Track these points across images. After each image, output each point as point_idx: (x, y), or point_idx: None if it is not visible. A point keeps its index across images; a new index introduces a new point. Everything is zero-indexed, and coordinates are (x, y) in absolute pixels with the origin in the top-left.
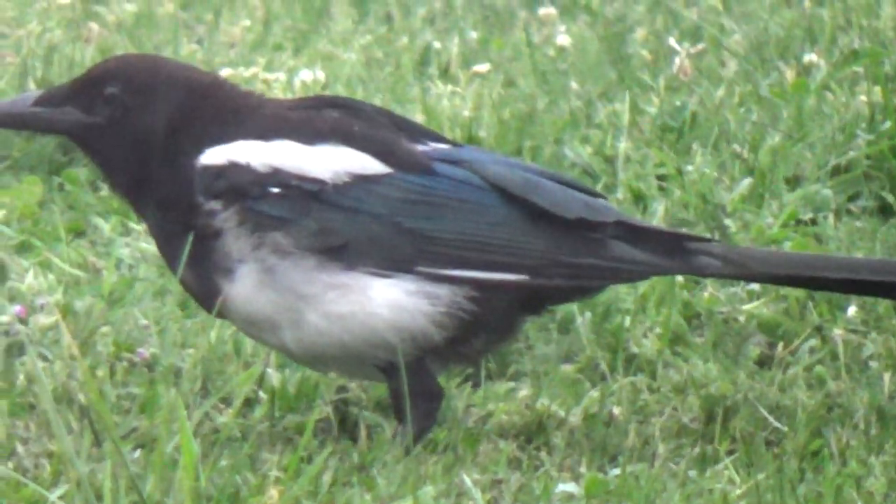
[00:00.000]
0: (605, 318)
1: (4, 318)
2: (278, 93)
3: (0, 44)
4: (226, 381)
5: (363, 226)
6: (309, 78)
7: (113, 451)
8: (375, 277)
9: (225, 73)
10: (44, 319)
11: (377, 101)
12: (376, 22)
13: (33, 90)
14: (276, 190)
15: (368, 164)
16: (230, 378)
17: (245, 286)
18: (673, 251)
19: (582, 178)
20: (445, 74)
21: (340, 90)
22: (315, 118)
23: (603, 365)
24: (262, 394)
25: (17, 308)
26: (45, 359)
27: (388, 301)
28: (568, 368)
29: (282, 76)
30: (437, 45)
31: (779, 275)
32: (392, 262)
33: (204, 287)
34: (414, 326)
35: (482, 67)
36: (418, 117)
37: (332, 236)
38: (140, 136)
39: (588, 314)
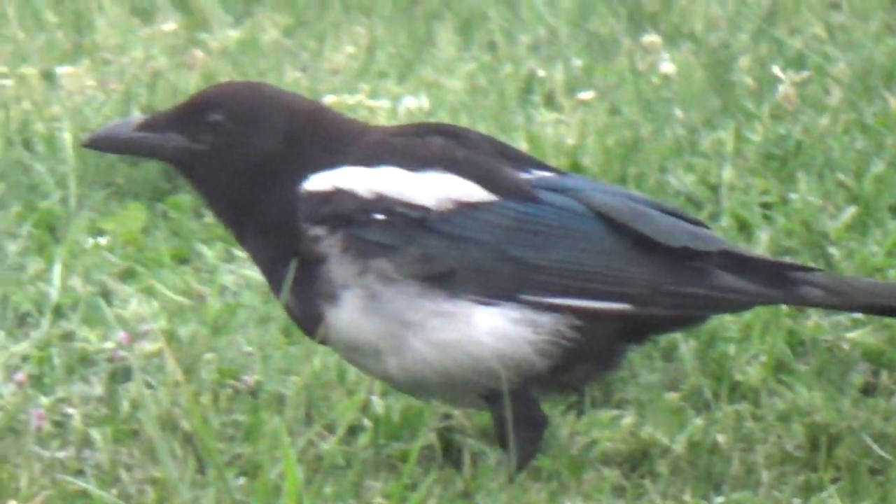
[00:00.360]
0: (710, 346)
1: (109, 345)
2: (382, 120)
3: (104, 70)
4: (330, 409)
5: (467, 253)
6: (413, 105)
7: (217, 477)
8: (479, 305)
9: (329, 100)
10: (148, 346)
11: (481, 129)
12: (480, 49)
13: (137, 115)
14: (380, 217)
15: (473, 192)
16: (334, 405)
17: (349, 312)
18: (776, 281)
19: (686, 206)
20: (549, 102)
21: (444, 117)
22: (419, 145)
23: (707, 393)
24: (366, 421)
25: (121, 334)
26: (149, 385)
27: (491, 329)
28: (672, 396)
29: (386, 103)
30: (541, 72)
31: (882, 305)
32: (496, 290)
33: (308, 313)
34: (517, 355)
35: (586, 95)
36: (522, 145)
37: (437, 263)
38: (244, 163)
39: (692, 342)
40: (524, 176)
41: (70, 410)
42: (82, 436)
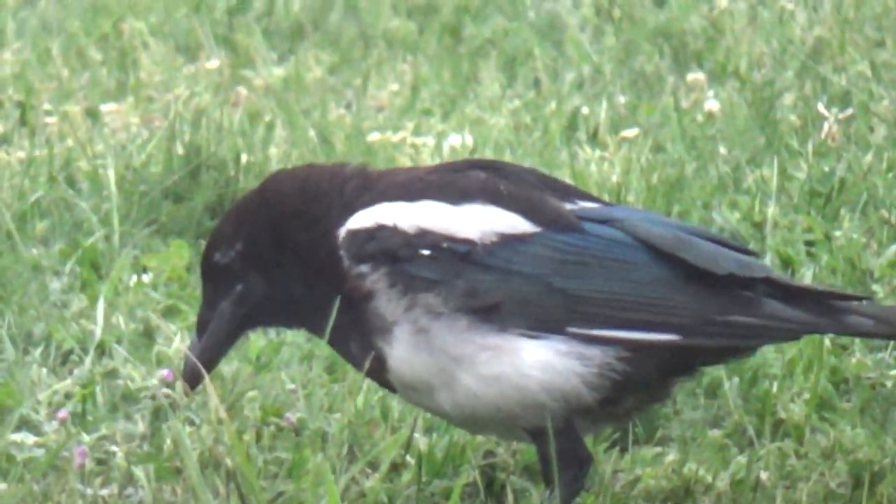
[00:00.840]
0: (753, 384)
1: (152, 382)
2: (426, 157)
3: (148, 108)
4: (373, 446)
5: (513, 286)
6: (457, 142)
7: None
8: (527, 338)
9: (373, 137)
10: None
11: (526, 166)
12: (525, 87)
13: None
14: (426, 252)
15: (517, 223)
16: (377, 442)
17: (401, 348)
18: (824, 309)
19: None
20: (594, 139)
21: (488, 155)
22: (459, 179)
23: (750, 430)
24: (409, 458)
25: (164, 372)
26: (192, 423)
27: (540, 362)
28: (715, 433)
29: (430, 140)
30: (585, 109)
31: None
32: (543, 323)
33: (364, 350)
34: (566, 388)
35: (631, 132)
36: (567, 182)
37: (484, 297)
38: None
39: (736, 379)
40: (568, 206)
41: (113, 448)
42: (125, 473)
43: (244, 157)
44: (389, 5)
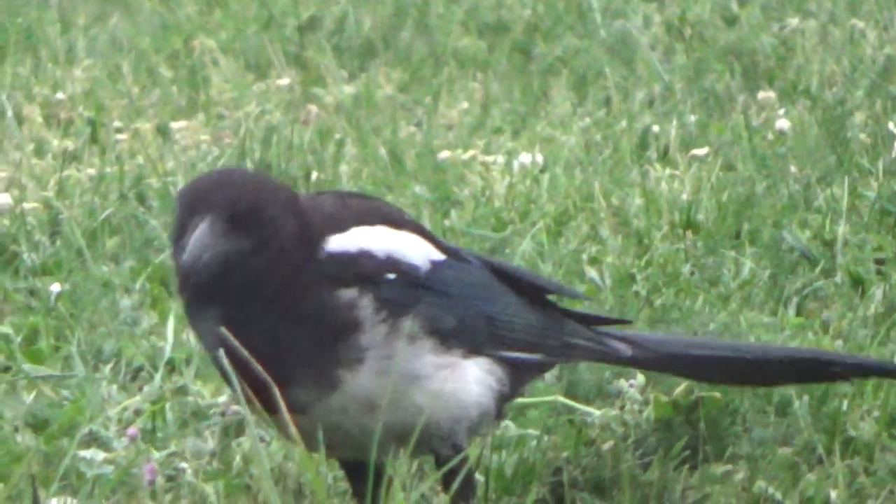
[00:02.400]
0: (823, 402)
1: (222, 399)
2: (496, 176)
3: (218, 125)
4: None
5: (455, 310)
6: (527, 161)
7: None
8: (463, 358)
9: (443, 155)
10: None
11: (596, 185)
12: (595, 105)
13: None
14: (392, 276)
15: (431, 250)
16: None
17: (367, 374)
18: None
19: (801, 262)
20: (664, 158)
21: (559, 173)
22: (374, 206)
23: (820, 448)
24: (478, 475)
25: None
26: (261, 440)
27: (476, 379)
28: (785, 451)
29: (500, 159)
30: (656, 128)
31: (679, 358)
32: (474, 344)
33: (318, 380)
34: (487, 404)
35: (701, 151)
36: (637, 201)
37: (440, 321)
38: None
39: (806, 397)
40: None
41: (183, 465)
42: (195, 490)
43: (314, 175)
44: (460, 23)
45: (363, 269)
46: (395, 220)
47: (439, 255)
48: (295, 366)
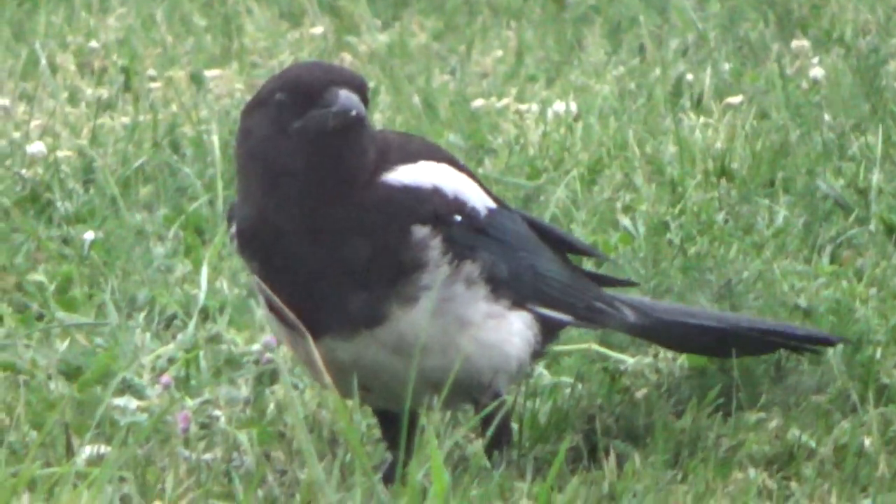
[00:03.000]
0: (857, 350)
1: (255, 347)
2: (530, 124)
3: (252, 74)
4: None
5: (507, 258)
6: (561, 109)
7: (363, 480)
8: (508, 309)
9: (477, 104)
10: None
11: (630, 133)
12: (629, 54)
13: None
14: (459, 218)
15: (486, 197)
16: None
17: (421, 313)
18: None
19: (834, 210)
20: (698, 106)
21: (593, 121)
22: (434, 145)
23: (854, 396)
24: (512, 423)
25: (267, 337)
26: (295, 388)
27: (519, 332)
28: (819, 399)
29: (534, 107)
30: (689, 76)
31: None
32: (520, 296)
33: (367, 314)
34: (524, 359)
35: (735, 99)
36: (671, 149)
37: (496, 268)
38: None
39: (839, 345)
40: None
41: (216, 413)
42: (229, 438)
43: None
44: None
45: (437, 207)
46: (455, 162)
47: (492, 203)
48: (346, 284)
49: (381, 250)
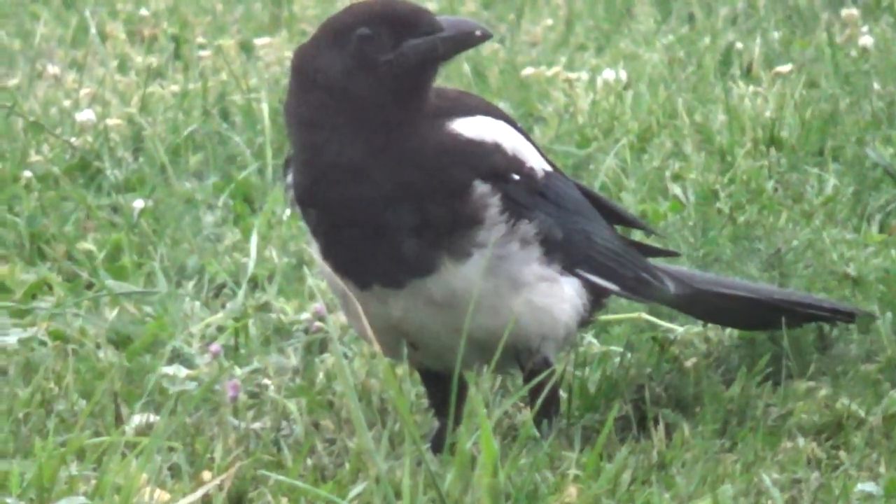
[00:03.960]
0: None
1: (305, 316)
2: (580, 92)
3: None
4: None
5: (561, 221)
6: (611, 77)
7: (412, 449)
8: (560, 273)
9: (527, 72)
10: (343, 317)
11: (679, 102)
12: (679, 22)
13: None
14: (516, 177)
15: (542, 161)
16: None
17: (474, 269)
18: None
19: (884, 178)
20: (748, 75)
21: (643, 89)
22: (493, 105)
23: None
24: (561, 392)
25: (317, 306)
26: (345, 356)
27: (570, 297)
28: (868, 368)
29: (584, 75)
30: (739, 45)
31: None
32: (572, 260)
33: (419, 263)
34: (572, 324)
35: (784, 68)
36: (720, 118)
37: (552, 230)
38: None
39: (889, 314)
40: None
41: (266, 381)
42: (278, 407)
43: None
44: None
45: (497, 163)
46: (512, 122)
47: (548, 166)
48: (401, 230)
49: (440, 201)
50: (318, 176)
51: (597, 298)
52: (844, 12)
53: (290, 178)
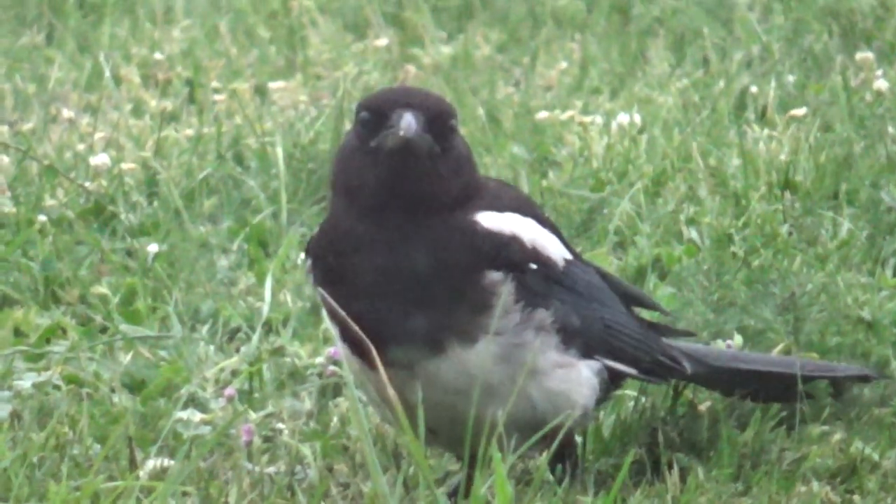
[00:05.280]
0: None
1: (319, 360)
2: (594, 136)
3: (316, 86)
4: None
5: (579, 309)
6: (626, 121)
7: (426, 493)
8: (577, 358)
9: (541, 116)
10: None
11: (694, 145)
12: (693, 65)
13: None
14: (534, 266)
15: (564, 249)
16: None
17: (486, 356)
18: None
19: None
20: (762, 118)
21: (657, 133)
22: (525, 198)
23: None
24: (576, 437)
25: (331, 350)
26: (358, 400)
27: (588, 382)
28: (882, 412)
29: (599, 119)
30: (754, 88)
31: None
32: (589, 346)
33: (427, 341)
34: (589, 407)
35: (799, 111)
36: (735, 161)
37: (568, 317)
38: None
39: None
40: None
41: (280, 425)
42: (292, 451)
43: None
44: None
45: (513, 254)
46: (540, 216)
47: (569, 255)
48: (409, 308)
49: (448, 285)
50: (331, 245)
51: (614, 380)
52: (859, 56)
53: (308, 262)
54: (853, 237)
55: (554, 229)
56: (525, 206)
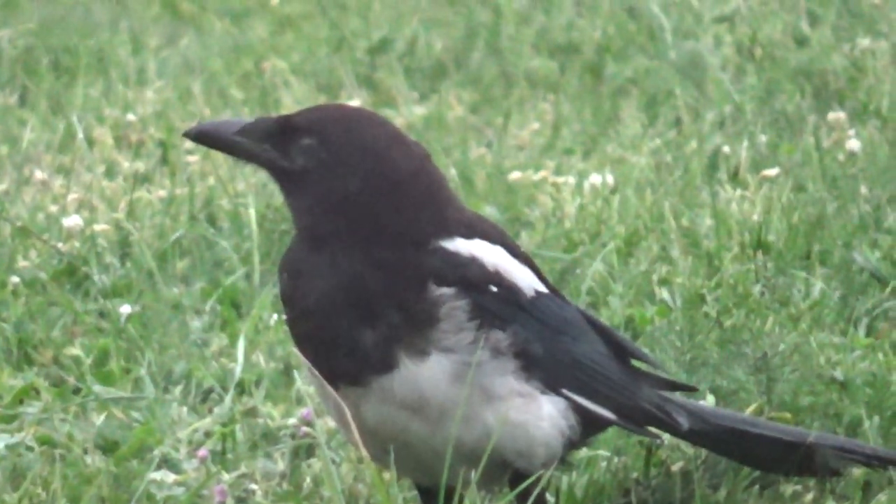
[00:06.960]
0: (894, 422)
1: (292, 421)
2: (567, 197)
3: None
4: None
5: (543, 338)
6: (598, 181)
7: None
8: (540, 392)
9: (514, 176)
10: (331, 422)
11: (666, 206)
12: (666, 126)
13: (245, 118)
14: (494, 289)
15: (537, 282)
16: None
17: (434, 373)
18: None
19: (871, 282)
20: (735, 178)
21: (630, 194)
22: (500, 231)
23: (892, 470)
24: (548, 496)
25: (304, 411)
26: (331, 461)
27: (550, 416)
28: (856, 472)
29: (571, 179)
30: (726, 149)
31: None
32: (554, 380)
33: (377, 357)
34: (554, 446)
35: (772, 172)
36: (708, 221)
37: (530, 344)
38: (335, 194)
39: (876, 418)
40: None
41: (253, 486)
42: None
43: None
44: (531, 45)
45: (470, 274)
46: (513, 247)
47: (543, 289)
48: (357, 329)
49: (396, 299)
50: (286, 265)
51: (590, 422)
52: (832, 116)
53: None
54: (825, 297)
55: (528, 262)
56: (497, 237)
